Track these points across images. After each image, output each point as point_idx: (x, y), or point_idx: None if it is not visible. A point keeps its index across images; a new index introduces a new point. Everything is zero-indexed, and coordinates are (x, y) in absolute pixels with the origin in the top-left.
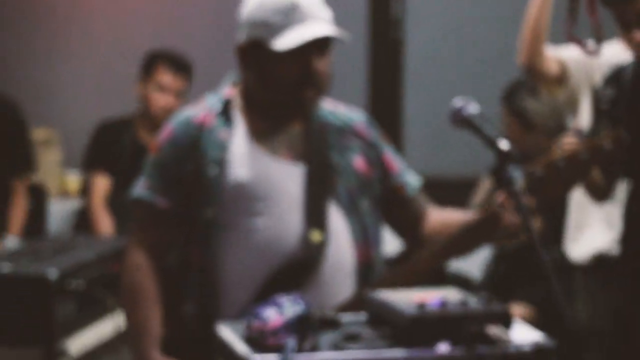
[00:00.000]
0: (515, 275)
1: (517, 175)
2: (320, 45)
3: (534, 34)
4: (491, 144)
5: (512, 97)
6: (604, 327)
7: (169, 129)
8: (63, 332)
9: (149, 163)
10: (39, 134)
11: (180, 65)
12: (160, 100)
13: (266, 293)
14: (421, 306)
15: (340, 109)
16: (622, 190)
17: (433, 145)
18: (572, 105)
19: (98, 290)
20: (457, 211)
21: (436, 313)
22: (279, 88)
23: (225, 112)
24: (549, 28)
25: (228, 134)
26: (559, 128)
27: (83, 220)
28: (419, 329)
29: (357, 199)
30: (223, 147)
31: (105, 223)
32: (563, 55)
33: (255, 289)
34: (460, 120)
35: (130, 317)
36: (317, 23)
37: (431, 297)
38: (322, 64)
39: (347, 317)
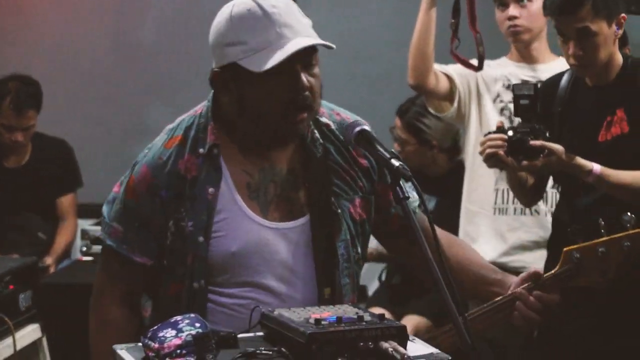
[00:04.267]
0: (409, 287)
1: (411, 192)
2: (304, 59)
3: (420, 54)
4: (384, 161)
5: (407, 114)
6: (496, 335)
7: (145, 172)
8: None
9: (123, 207)
10: None
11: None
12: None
13: None
14: (318, 323)
15: (335, 121)
16: (515, 202)
17: None
18: (461, 119)
19: None
20: (460, 245)
21: (332, 330)
22: (266, 119)
23: (211, 160)
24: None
25: (213, 193)
26: (454, 143)
27: None
28: (315, 345)
29: (351, 250)
30: (210, 212)
31: None
32: (449, 71)
33: None
34: (354, 138)
35: None
36: (298, 37)
37: (327, 314)
38: (311, 80)
39: (244, 336)
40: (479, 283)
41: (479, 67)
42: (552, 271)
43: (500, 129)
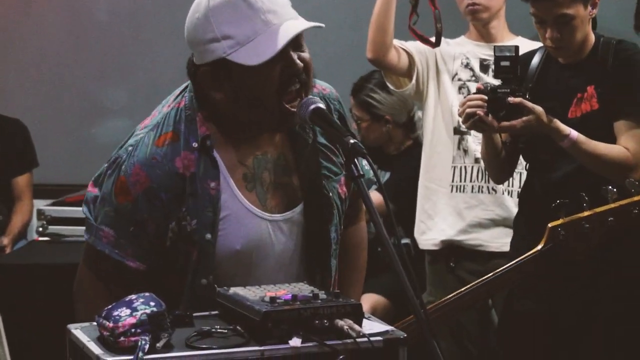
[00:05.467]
0: (367, 266)
1: (365, 168)
2: (294, 41)
3: (380, 28)
4: (339, 139)
5: (360, 90)
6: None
7: (141, 174)
8: None
9: (117, 212)
10: None
11: None
12: None
13: None
14: (272, 301)
15: (316, 95)
16: (473, 180)
17: None
18: (419, 96)
19: None
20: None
21: (287, 308)
22: (265, 103)
23: (206, 153)
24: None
25: (215, 188)
26: (410, 119)
27: None
28: (270, 324)
29: (340, 228)
30: (215, 207)
31: None
32: (409, 47)
33: None
34: (309, 116)
35: None
36: (284, 21)
37: (282, 292)
38: (303, 56)
39: (199, 314)
40: None
41: (437, 44)
42: (537, 248)
43: (481, 90)
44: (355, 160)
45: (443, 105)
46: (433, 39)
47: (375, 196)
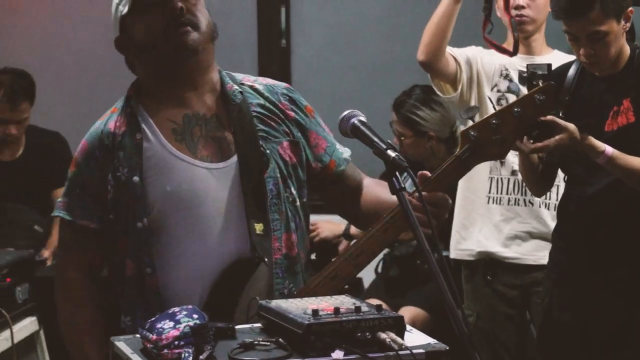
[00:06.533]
0: (406, 279)
1: (407, 183)
2: None
3: (439, 32)
4: (381, 152)
5: (402, 107)
6: (487, 326)
7: (83, 143)
8: None
9: (68, 180)
10: None
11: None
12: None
13: (213, 297)
14: (315, 314)
15: (261, 84)
16: (509, 192)
17: None
18: (463, 104)
19: None
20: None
21: (330, 320)
22: (155, 44)
23: (131, 112)
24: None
25: (141, 137)
26: (452, 134)
27: None
28: (313, 337)
29: (282, 188)
30: (139, 153)
31: None
32: (456, 54)
33: (201, 295)
34: (350, 129)
35: (72, 351)
36: None
37: (325, 304)
38: (188, 4)
39: (242, 327)
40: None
41: (514, 52)
42: (455, 154)
43: None
44: (397, 173)
45: (483, 115)
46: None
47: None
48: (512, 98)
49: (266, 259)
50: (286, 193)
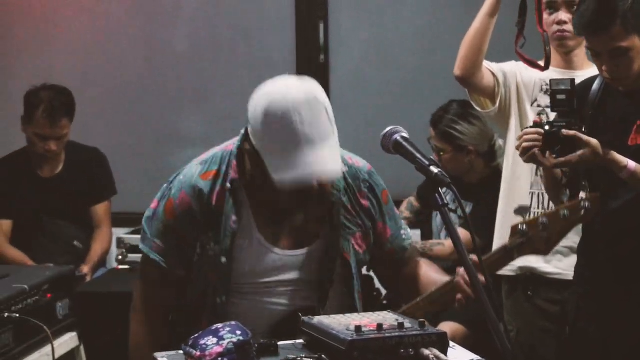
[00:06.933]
0: None
1: (448, 197)
2: None
3: (475, 46)
4: (423, 169)
5: (440, 123)
6: (527, 341)
7: (185, 197)
8: None
9: (164, 226)
10: None
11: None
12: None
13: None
14: (358, 330)
15: (346, 164)
16: (551, 208)
17: None
18: (502, 120)
19: (33, 320)
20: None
21: (373, 337)
22: (276, 199)
23: (234, 194)
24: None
25: (236, 222)
26: (491, 148)
27: None
28: (356, 353)
29: (355, 271)
30: (232, 237)
31: (16, 255)
32: (494, 68)
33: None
34: (392, 146)
35: None
36: (315, 150)
37: (367, 321)
38: (323, 184)
39: (284, 343)
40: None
41: (546, 67)
42: (503, 245)
43: (538, 124)
44: (439, 189)
45: (523, 127)
46: (542, 63)
47: (462, 232)
48: (553, 114)
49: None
50: (356, 280)
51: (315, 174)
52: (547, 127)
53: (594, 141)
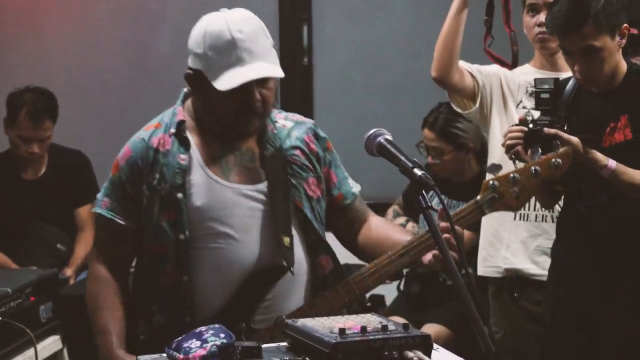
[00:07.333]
0: (428, 295)
1: (433, 202)
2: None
3: (447, 47)
4: (407, 171)
5: (437, 123)
6: (514, 343)
7: (127, 149)
8: None
9: (110, 182)
10: None
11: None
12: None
13: (236, 300)
14: (342, 333)
15: (290, 120)
16: (537, 209)
17: (345, 169)
18: (483, 120)
19: (16, 323)
20: (396, 228)
21: (357, 340)
22: (222, 119)
23: (180, 135)
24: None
25: (185, 159)
26: (482, 146)
27: None
28: (340, 355)
29: (311, 215)
30: (183, 173)
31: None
32: (473, 70)
33: (226, 298)
34: (376, 148)
35: (93, 323)
36: (255, 61)
37: (351, 323)
38: (264, 92)
39: (268, 346)
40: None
41: (513, 66)
42: (475, 199)
43: (522, 122)
44: (423, 192)
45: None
46: (507, 60)
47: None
48: (537, 115)
49: (292, 269)
50: (317, 225)
51: (257, 74)
52: (530, 125)
53: (574, 139)
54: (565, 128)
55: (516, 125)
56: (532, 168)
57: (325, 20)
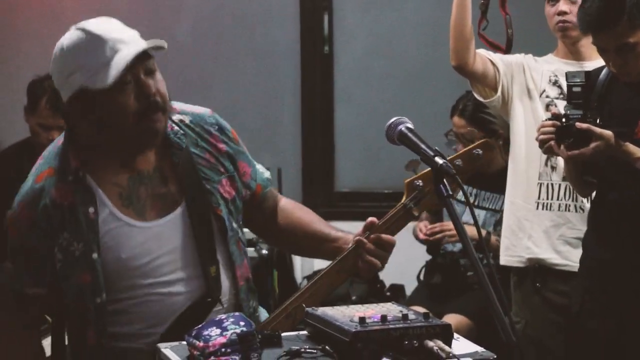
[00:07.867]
0: (449, 286)
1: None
2: (144, 67)
3: (458, 35)
4: (428, 159)
5: (466, 110)
6: (536, 333)
7: (22, 210)
8: None
9: (10, 247)
10: None
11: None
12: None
13: (168, 339)
14: (362, 322)
15: (188, 114)
16: (560, 198)
17: (364, 158)
18: (505, 109)
19: None
20: (303, 209)
21: (377, 328)
22: (123, 126)
23: (80, 183)
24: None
25: (94, 212)
26: (507, 133)
27: None
28: (360, 344)
29: (228, 223)
30: (95, 229)
31: None
32: (494, 58)
33: (156, 339)
34: (397, 137)
35: None
36: (132, 43)
37: (371, 312)
38: (156, 84)
39: (288, 334)
40: (322, 241)
41: (507, 50)
42: (402, 202)
43: (555, 116)
44: (444, 180)
45: (531, 121)
46: (502, 45)
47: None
48: (561, 104)
49: (222, 299)
50: (236, 225)
51: (139, 48)
52: (563, 120)
53: (607, 133)
54: (598, 121)
55: (549, 119)
56: (455, 163)
57: (345, 9)
